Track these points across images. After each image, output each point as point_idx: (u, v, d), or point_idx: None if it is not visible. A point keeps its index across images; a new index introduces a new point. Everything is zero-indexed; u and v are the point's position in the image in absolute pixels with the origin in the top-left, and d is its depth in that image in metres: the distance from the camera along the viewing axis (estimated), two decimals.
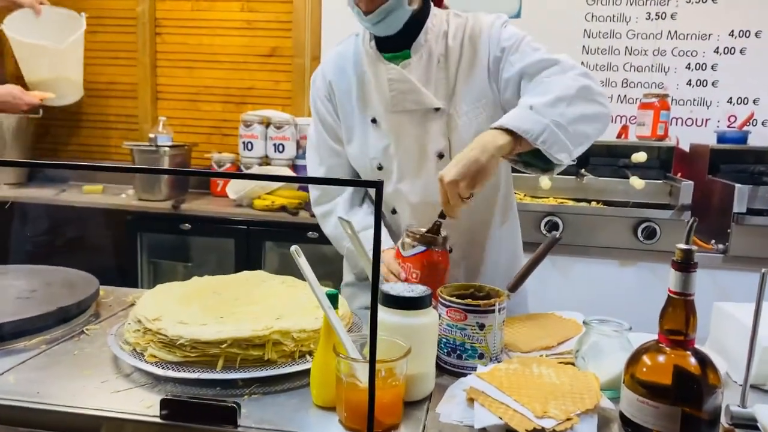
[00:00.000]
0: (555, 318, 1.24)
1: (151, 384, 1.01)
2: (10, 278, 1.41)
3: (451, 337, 1.06)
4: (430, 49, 1.42)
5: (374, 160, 1.48)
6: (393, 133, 1.44)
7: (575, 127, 1.26)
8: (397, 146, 1.45)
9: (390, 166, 1.47)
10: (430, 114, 1.42)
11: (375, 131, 1.47)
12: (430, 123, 1.42)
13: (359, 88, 1.48)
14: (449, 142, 1.42)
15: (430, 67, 1.42)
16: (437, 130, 1.42)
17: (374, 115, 1.46)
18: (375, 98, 1.46)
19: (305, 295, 1.25)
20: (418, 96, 1.40)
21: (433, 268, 1.23)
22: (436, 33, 1.43)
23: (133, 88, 3.36)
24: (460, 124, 1.41)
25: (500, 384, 0.93)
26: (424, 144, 1.43)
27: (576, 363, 1.03)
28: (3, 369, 1.04)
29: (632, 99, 2.83)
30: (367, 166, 1.50)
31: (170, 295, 1.21)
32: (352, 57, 1.50)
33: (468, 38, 1.42)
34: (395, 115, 1.43)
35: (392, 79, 1.41)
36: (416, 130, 1.43)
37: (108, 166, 0.62)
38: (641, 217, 2.26)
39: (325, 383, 0.94)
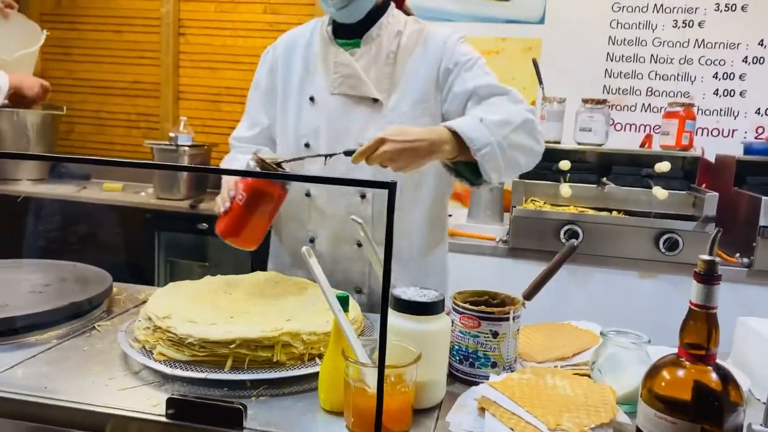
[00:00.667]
0: (571, 328, 1.21)
1: (159, 382, 1.00)
2: (25, 272, 1.41)
3: (463, 345, 1.03)
4: (380, 44, 1.47)
5: (304, 137, 1.50)
6: (327, 114, 1.48)
7: (513, 153, 1.33)
8: (329, 128, 1.48)
9: (317, 146, 1.49)
10: (367, 103, 1.45)
11: (310, 110, 1.50)
12: (366, 112, 1.45)
13: (304, 65, 1.53)
14: None
15: (378, 60, 1.47)
16: (371, 121, 1.45)
17: (313, 93, 1.50)
18: (318, 78, 1.50)
19: (317, 297, 1.24)
20: (359, 83, 1.45)
21: (258, 196, 1.23)
22: (390, 30, 1.48)
23: (156, 87, 3.39)
24: (397, 120, 1.43)
25: (513, 394, 0.91)
26: (356, 132, 1.45)
27: (592, 375, 1.00)
28: (13, 362, 1.04)
29: (656, 108, 2.78)
30: (295, 141, 1.51)
31: (182, 293, 1.21)
32: (307, 37, 1.55)
33: (422, 44, 1.48)
34: (333, 97, 1.47)
35: (338, 62, 1.47)
36: (350, 117, 1.46)
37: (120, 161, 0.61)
38: (663, 228, 2.21)
39: (333, 387, 0.93)
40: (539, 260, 2.31)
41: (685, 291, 0.85)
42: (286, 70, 1.56)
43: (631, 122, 2.83)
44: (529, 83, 2.87)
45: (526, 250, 2.32)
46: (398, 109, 1.45)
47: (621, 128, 2.83)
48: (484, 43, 2.90)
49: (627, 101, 2.81)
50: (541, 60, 2.76)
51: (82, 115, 3.52)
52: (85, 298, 1.24)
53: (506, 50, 2.89)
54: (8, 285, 1.32)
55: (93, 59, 3.48)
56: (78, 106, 3.49)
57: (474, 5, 2.89)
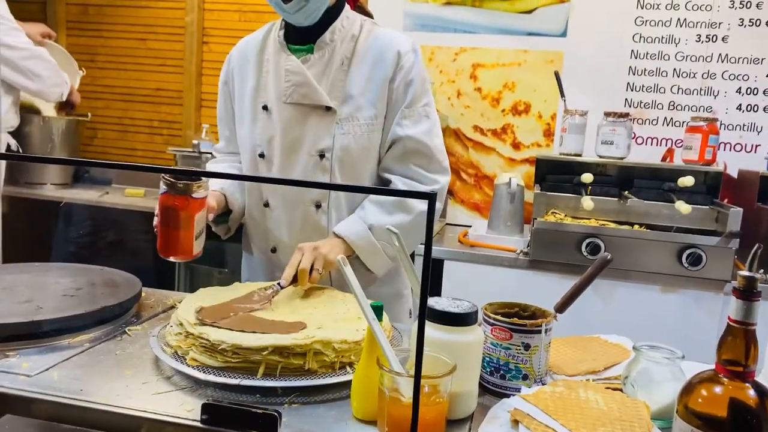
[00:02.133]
0: (600, 342, 1.21)
1: (191, 387, 1.00)
2: (55, 276, 1.43)
3: (494, 357, 1.03)
4: (334, 49, 1.45)
5: (258, 147, 1.50)
6: (281, 124, 1.47)
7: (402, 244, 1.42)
8: (283, 138, 1.47)
9: (272, 156, 1.49)
10: (320, 111, 1.44)
11: (264, 119, 1.49)
12: (319, 121, 1.44)
13: (257, 74, 1.51)
14: (333, 143, 1.44)
15: (331, 66, 1.45)
16: (324, 129, 1.44)
17: (266, 102, 1.48)
18: (271, 86, 1.48)
19: (345, 305, 1.25)
20: (311, 91, 1.43)
21: (166, 211, 1.26)
22: (343, 35, 1.46)
23: (179, 95, 3.43)
24: (351, 131, 1.44)
25: (546, 407, 0.91)
26: (309, 140, 1.45)
27: (624, 389, 1.00)
28: (47, 365, 1.05)
29: (678, 122, 2.78)
30: (251, 151, 1.52)
31: (212, 299, 1.21)
32: (260, 43, 1.54)
33: (377, 51, 1.45)
34: (286, 106, 1.46)
35: (289, 71, 1.44)
36: (304, 126, 1.45)
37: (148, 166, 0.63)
38: (686, 243, 2.20)
39: (366, 396, 0.93)
40: (560, 273, 2.31)
41: (707, 306, 0.85)
42: (240, 80, 1.54)
43: (653, 136, 2.82)
44: (549, 96, 2.87)
45: (547, 263, 2.31)
46: (354, 119, 1.44)
47: (642, 142, 2.83)
48: (505, 55, 2.91)
49: (649, 115, 2.81)
50: (562, 73, 2.77)
51: (105, 121, 3.57)
52: (116, 302, 1.25)
53: (528, 62, 2.89)
54: (41, 288, 1.34)
55: (117, 66, 3.53)
56: (101, 113, 3.54)
57: (496, 17, 2.90)
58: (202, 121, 3.36)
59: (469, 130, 2.99)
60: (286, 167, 1.48)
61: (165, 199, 1.26)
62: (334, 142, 1.44)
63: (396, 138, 1.45)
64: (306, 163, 1.46)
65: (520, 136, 2.93)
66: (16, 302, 1.23)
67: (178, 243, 1.28)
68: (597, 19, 2.81)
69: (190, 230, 1.28)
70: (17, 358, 1.07)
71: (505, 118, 2.93)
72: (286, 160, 1.47)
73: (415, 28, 2.92)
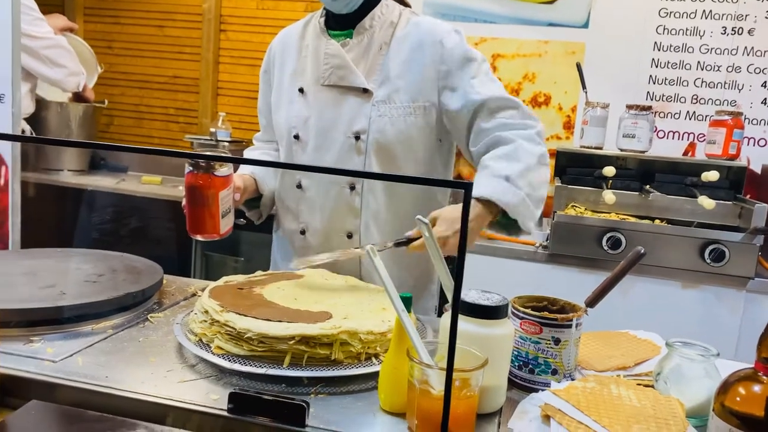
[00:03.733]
0: (629, 337, 1.19)
1: (216, 376, 1.00)
2: (77, 261, 1.43)
3: (523, 351, 1.02)
4: (372, 35, 1.47)
5: (293, 129, 1.51)
6: (317, 105, 1.48)
7: (539, 193, 1.40)
8: (318, 119, 1.48)
9: (307, 138, 1.49)
10: (356, 93, 1.45)
11: (300, 101, 1.50)
12: (355, 102, 1.45)
13: (297, 58, 1.54)
14: (369, 125, 1.43)
15: (369, 50, 1.46)
16: (360, 111, 1.44)
17: (303, 85, 1.50)
18: (309, 70, 1.50)
19: (369, 295, 1.23)
20: (348, 73, 1.44)
21: (192, 190, 1.28)
22: (383, 21, 1.48)
23: (195, 83, 3.42)
24: (387, 114, 1.44)
25: (578, 403, 0.89)
26: (345, 122, 1.45)
27: (656, 386, 0.98)
28: (71, 351, 1.05)
29: (701, 116, 2.73)
30: (286, 134, 1.53)
31: (235, 287, 1.20)
32: (300, 31, 1.57)
33: (417, 38, 1.46)
34: (323, 88, 1.47)
35: (328, 54, 1.46)
36: (339, 108, 1.46)
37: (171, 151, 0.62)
38: (709, 239, 2.17)
39: (394, 388, 0.92)
40: (579, 267, 2.29)
41: (729, 303, 0.83)
42: (279, 67, 1.57)
43: (675, 130, 2.78)
44: (570, 87, 2.84)
45: (566, 257, 2.29)
46: (391, 101, 1.44)
47: (664, 136, 2.79)
48: (526, 46, 2.87)
49: (671, 108, 2.76)
50: (583, 64, 2.73)
51: (121, 108, 3.57)
52: (139, 289, 1.25)
53: (549, 54, 2.86)
54: (63, 273, 1.34)
55: (134, 53, 3.53)
56: (118, 99, 3.54)
57: (517, 7, 2.86)
58: (219, 109, 3.36)
59: None
60: (320, 149, 1.48)
61: (190, 179, 1.28)
62: (369, 124, 1.43)
63: (477, 106, 1.41)
64: (341, 145, 1.46)
65: None
66: (38, 287, 1.23)
67: (204, 221, 1.30)
68: (620, 10, 2.77)
69: (215, 207, 1.30)
70: (41, 343, 1.07)
71: None
72: (321, 141, 1.47)
73: (435, 17, 2.87)
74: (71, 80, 2.87)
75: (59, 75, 2.79)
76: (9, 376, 0.95)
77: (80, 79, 2.91)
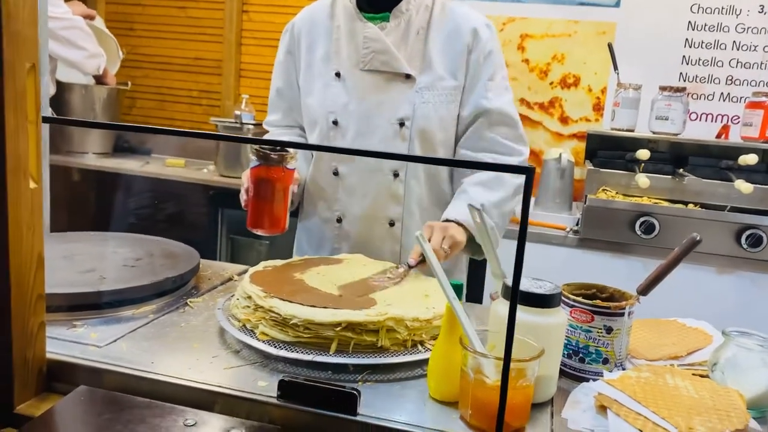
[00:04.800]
0: (679, 325, 1.16)
1: (261, 362, 0.99)
2: (113, 245, 1.42)
3: (573, 339, 0.99)
4: (410, 18, 1.43)
5: (331, 114, 1.46)
6: (357, 91, 1.44)
7: (506, 223, 1.49)
8: (359, 105, 1.44)
9: (347, 123, 1.45)
10: (399, 79, 1.42)
11: (337, 86, 1.46)
12: (398, 89, 1.42)
13: (328, 41, 1.48)
14: (414, 111, 1.41)
15: (408, 35, 1.43)
16: (404, 98, 1.42)
17: (339, 69, 1.46)
18: (344, 53, 1.45)
19: (409, 282, 1.21)
20: (391, 58, 1.41)
21: (261, 184, 1.25)
22: (418, 5, 1.44)
23: (218, 64, 3.40)
24: (431, 100, 1.42)
25: (634, 393, 0.87)
26: (388, 108, 1.42)
27: (711, 376, 0.95)
28: (115, 336, 1.04)
29: (736, 98, 2.66)
30: (322, 119, 1.48)
31: (273, 273, 1.19)
32: (328, 10, 1.51)
33: (452, 24, 1.44)
34: (363, 73, 1.43)
35: (368, 38, 1.42)
36: (382, 93, 1.43)
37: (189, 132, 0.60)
38: (746, 224, 2.12)
39: (444, 377, 0.90)
40: (611, 251, 2.25)
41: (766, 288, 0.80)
42: (307, 48, 1.51)
43: (708, 112, 2.71)
44: (600, 68, 2.78)
45: (597, 241, 2.25)
46: (434, 88, 1.42)
47: (696, 118, 2.72)
48: (555, 25, 2.81)
49: (704, 90, 2.70)
50: (615, 45, 2.67)
51: (144, 91, 3.55)
52: (178, 273, 1.24)
53: (578, 33, 2.79)
54: (100, 258, 1.33)
55: (156, 35, 3.50)
56: (140, 81, 3.52)
57: None
58: (241, 92, 3.33)
59: (515, 103, 2.91)
60: (362, 135, 1.44)
61: (259, 172, 1.24)
62: (414, 111, 1.41)
63: (481, 111, 1.43)
64: (385, 132, 1.43)
65: (568, 110, 2.84)
66: (78, 271, 1.22)
67: (272, 215, 1.27)
68: None
69: (284, 202, 1.28)
70: (84, 328, 1.06)
71: (553, 91, 2.84)
72: (363, 127, 1.44)
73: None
74: (90, 63, 2.84)
75: (78, 56, 2.76)
76: (56, 361, 0.95)
77: (100, 61, 2.88)
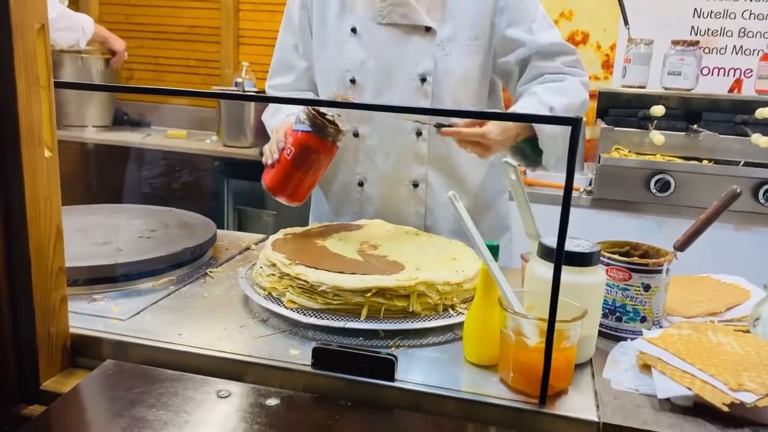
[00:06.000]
0: (713, 281, 1.14)
1: (290, 331, 0.96)
2: (126, 217, 1.39)
3: (610, 298, 0.97)
4: None
5: (348, 72, 1.40)
6: (375, 46, 1.37)
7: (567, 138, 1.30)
8: (378, 61, 1.38)
9: (365, 82, 1.39)
10: (418, 32, 1.36)
11: (353, 42, 1.39)
12: (418, 42, 1.36)
13: None
14: (435, 66, 1.36)
15: None
16: (424, 51, 1.36)
17: (355, 24, 1.39)
18: (360, 7, 1.39)
19: (434, 246, 1.19)
20: (409, 10, 1.34)
21: (306, 152, 1.18)
22: None
23: (216, 32, 3.31)
24: (453, 52, 1.36)
25: (677, 351, 0.85)
26: (409, 63, 1.36)
27: (753, 331, 0.93)
28: (137, 309, 1.01)
29: (749, 50, 2.61)
30: (338, 78, 1.42)
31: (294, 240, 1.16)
32: None
33: None
34: (381, 27, 1.37)
35: None
36: (401, 48, 1.37)
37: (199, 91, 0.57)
38: (764, 178, 2.09)
39: (481, 340, 0.88)
40: (625, 211, 2.23)
41: None
42: (320, 3, 1.44)
43: (720, 66, 2.65)
44: (609, 24, 2.71)
45: (612, 201, 2.22)
46: (455, 40, 1.36)
47: (708, 72, 2.66)
48: None
49: (717, 43, 2.63)
50: None
51: (140, 61, 3.47)
52: (196, 244, 1.21)
53: None
54: (115, 230, 1.30)
55: (150, 2, 3.41)
56: (135, 52, 3.43)
57: None
58: (241, 59, 3.25)
59: None
60: (382, 93, 1.38)
61: (308, 139, 1.17)
62: (436, 65, 1.35)
63: (535, 48, 1.37)
64: (406, 88, 1.37)
65: None
66: (93, 244, 1.19)
67: (300, 185, 1.22)
68: None
69: (317, 176, 1.22)
70: (105, 302, 1.04)
71: None
72: (382, 85, 1.38)
73: None
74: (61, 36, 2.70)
75: None
76: (79, 335, 0.93)
77: (77, 35, 2.76)
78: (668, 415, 0.78)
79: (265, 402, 0.79)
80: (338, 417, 0.78)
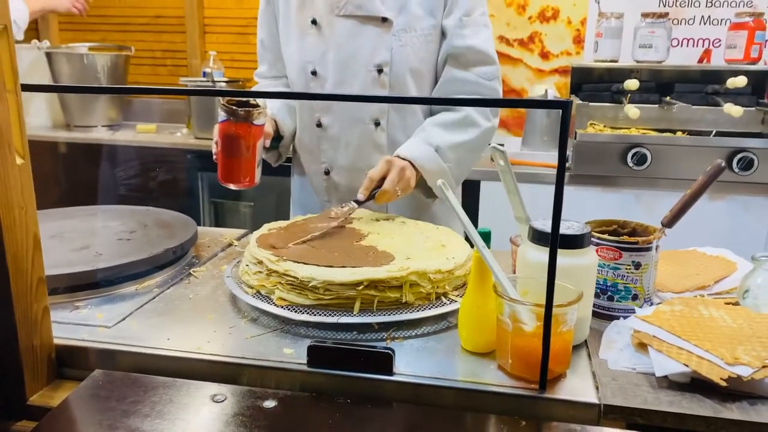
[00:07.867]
0: (698, 254, 1.15)
1: (282, 329, 0.94)
2: (103, 219, 1.35)
3: (600, 278, 0.97)
4: None
5: (309, 64, 1.42)
6: (334, 38, 1.39)
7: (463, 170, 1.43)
8: (337, 53, 1.39)
9: (325, 73, 1.41)
10: (375, 23, 1.36)
11: (314, 34, 1.40)
12: (375, 33, 1.36)
13: None
14: (391, 57, 1.36)
15: None
16: (381, 42, 1.36)
17: (314, 16, 1.39)
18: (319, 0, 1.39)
19: (421, 233, 1.17)
20: (365, 2, 1.35)
21: (229, 139, 1.21)
22: None
23: (180, 21, 3.23)
24: (409, 42, 1.37)
25: (671, 327, 0.85)
26: (365, 54, 1.37)
27: (743, 303, 0.94)
28: (122, 314, 0.99)
29: (716, 20, 2.62)
30: (300, 69, 1.44)
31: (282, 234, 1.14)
32: None
33: None
34: (339, 19, 1.37)
35: None
36: (359, 39, 1.37)
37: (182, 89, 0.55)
38: (737, 147, 2.11)
39: (476, 327, 0.87)
40: (602, 186, 2.24)
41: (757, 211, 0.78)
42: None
43: (689, 37, 2.67)
44: None
45: (590, 176, 2.23)
46: (411, 29, 1.37)
47: (677, 44, 2.68)
48: None
49: (685, 14, 2.65)
50: None
51: None
52: (177, 244, 1.18)
53: None
54: (92, 233, 1.26)
55: None
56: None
57: None
58: (207, 48, 3.18)
59: None
60: (341, 84, 1.40)
61: (226, 127, 1.20)
62: (392, 55, 1.36)
63: (457, 49, 1.38)
64: (364, 79, 1.38)
65: (548, 44, 2.77)
66: (71, 249, 1.15)
67: (240, 171, 1.24)
68: None
69: (252, 158, 1.24)
70: (89, 309, 1.01)
71: (532, 26, 2.77)
72: (342, 76, 1.39)
73: None
74: None
75: None
76: (64, 346, 0.90)
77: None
78: (667, 393, 0.78)
79: (262, 404, 0.77)
80: (339, 415, 0.77)
